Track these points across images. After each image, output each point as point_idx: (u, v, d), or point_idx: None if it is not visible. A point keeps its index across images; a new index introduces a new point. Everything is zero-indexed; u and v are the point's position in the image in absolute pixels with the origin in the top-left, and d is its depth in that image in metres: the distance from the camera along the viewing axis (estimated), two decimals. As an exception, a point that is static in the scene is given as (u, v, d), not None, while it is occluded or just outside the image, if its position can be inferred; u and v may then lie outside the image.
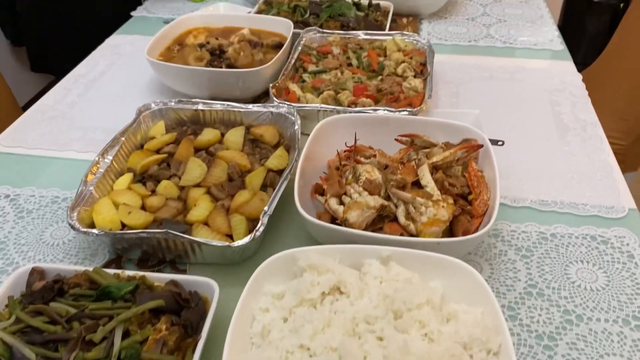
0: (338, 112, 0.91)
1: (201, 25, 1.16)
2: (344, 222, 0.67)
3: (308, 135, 0.81)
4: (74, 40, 1.47)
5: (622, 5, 2.61)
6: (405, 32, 1.12)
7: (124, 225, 0.72)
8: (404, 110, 0.88)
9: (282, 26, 1.14)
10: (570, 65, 1.15)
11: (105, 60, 1.21)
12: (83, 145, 0.94)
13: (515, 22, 1.34)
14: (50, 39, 1.51)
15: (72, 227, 0.68)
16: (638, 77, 1.43)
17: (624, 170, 1.49)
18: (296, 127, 0.85)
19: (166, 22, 1.36)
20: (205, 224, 0.72)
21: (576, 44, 2.81)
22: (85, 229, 0.68)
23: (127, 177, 0.79)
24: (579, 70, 1.16)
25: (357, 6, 1.28)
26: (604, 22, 2.68)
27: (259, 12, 1.28)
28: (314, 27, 1.15)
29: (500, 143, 0.86)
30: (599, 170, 0.86)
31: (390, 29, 1.23)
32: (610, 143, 1.42)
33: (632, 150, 1.46)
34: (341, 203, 0.70)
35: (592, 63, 1.68)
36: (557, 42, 1.24)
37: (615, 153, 1.44)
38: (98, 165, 0.79)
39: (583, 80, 1.13)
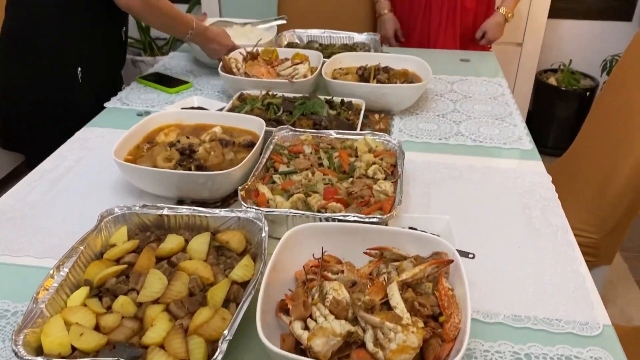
0: (307, 217, 0.89)
1: (173, 122, 1.16)
2: (309, 350, 0.63)
3: (277, 239, 0.79)
4: (50, 124, 1.45)
5: (587, 93, 2.73)
6: (376, 132, 1.13)
7: (74, 349, 0.67)
8: (373, 218, 0.87)
9: (254, 124, 1.14)
10: (539, 166, 1.16)
11: (73, 154, 1.19)
12: (41, 251, 0.90)
13: (484, 119, 1.37)
14: (26, 119, 1.49)
15: (16, 354, 0.64)
16: (607, 169, 1.46)
17: (597, 263, 1.49)
18: (263, 234, 0.83)
19: (139, 114, 1.37)
20: (162, 346, 0.68)
21: (547, 129, 2.91)
22: (30, 358, 0.63)
23: (83, 292, 0.75)
24: (552, 155, 1.17)
25: (330, 104, 1.30)
26: (573, 108, 2.78)
27: (233, 107, 1.29)
28: (286, 126, 1.15)
29: (470, 256, 0.85)
30: (571, 281, 0.85)
31: (362, 125, 1.25)
32: (583, 237, 1.43)
33: (605, 243, 1.46)
34: (306, 327, 0.66)
35: (563, 147, 1.72)
36: (525, 140, 1.26)
37: (588, 247, 1.45)
38: (52, 279, 0.75)
39: (554, 171, 1.15)
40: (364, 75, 1.45)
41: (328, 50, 1.72)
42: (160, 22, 1.44)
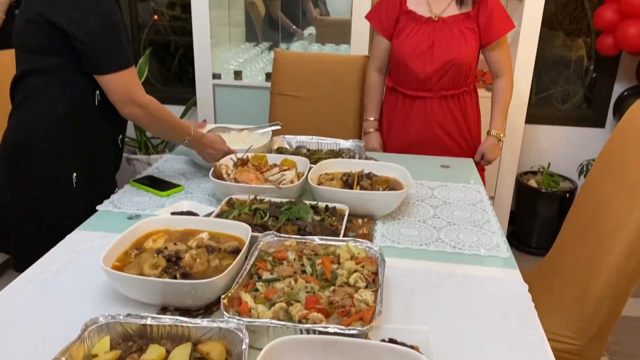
0: (288, 328, 0.91)
1: (162, 228, 1.20)
2: None
3: (259, 349, 0.80)
4: (42, 227, 1.47)
5: (567, 195, 2.82)
6: (358, 239, 1.17)
7: None
8: (353, 329, 0.89)
9: (240, 230, 1.18)
10: (516, 275, 1.20)
11: (62, 258, 1.21)
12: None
13: (463, 226, 1.42)
14: (17, 222, 1.52)
15: None
16: (585, 274, 1.49)
17: (581, 371, 1.48)
18: (244, 346, 0.84)
19: (130, 217, 1.41)
20: None
21: (530, 229, 2.97)
22: None
23: (60, 406, 0.75)
24: (537, 255, 1.20)
25: (315, 209, 1.35)
26: (554, 210, 2.86)
27: (221, 212, 1.34)
28: (271, 232, 1.20)
29: (447, 369, 0.86)
30: (548, 396, 0.85)
31: (346, 230, 1.30)
32: (566, 343, 1.44)
33: (589, 349, 1.46)
34: None
35: (546, 247, 1.76)
36: (503, 248, 1.31)
37: (572, 353, 1.45)
38: (31, 392, 0.75)
39: (535, 275, 1.18)
40: (348, 181, 1.52)
41: (315, 156, 1.80)
42: (160, 129, 1.54)
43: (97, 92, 1.46)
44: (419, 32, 1.93)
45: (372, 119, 2.14)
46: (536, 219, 2.92)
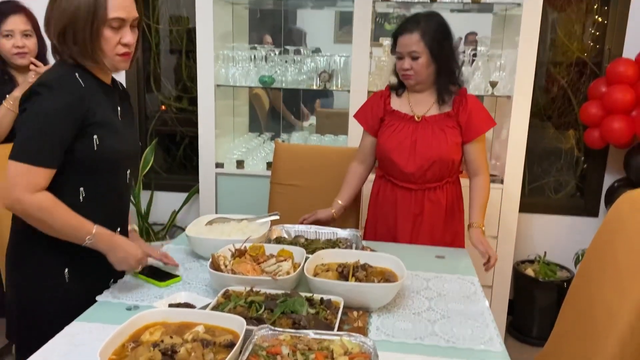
0: None
1: (159, 320, 1.22)
2: None
3: None
4: (41, 321, 1.48)
5: (565, 284, 2.82)
6: (352, 334, 1.19)
7: None
8: None
9: (235, 324, 1.20)
10: (509, 370, 1.20)
11: (60, 349, 1.22)
12: None
13: (458, 319, 1.44)
14: (18, 316, 1.53)
15: None
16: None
17: None
18: None
19: (128, 308, 1.43)
20: None
21: (530, 318, 2.95)
22: None
23: None
24: (537, 345, 1.20)
25: (310, 301, 1.38)
26: (552, 299, 2.86)
27: (218, 304, 1.36)
28: (266, 325, 1.22)
29: None
30: None
31: (341, 322, 1.31)
32: None
33: None
34: None
35: (546, 337, 1.75)
36: (496, 342, 1.32)
37: None
38: None
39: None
40: (343, 272, 1.55)
41: (313, 246, 1.85)
42: (46, 228, 1.40)
43: (82, 188, 1.46)
44: (403, 129, 2.04)
45: (339, 201, 2.17)
46: (535, 309, 2.90)
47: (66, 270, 1.49)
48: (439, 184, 2.05)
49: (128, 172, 1.60)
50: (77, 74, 1.42)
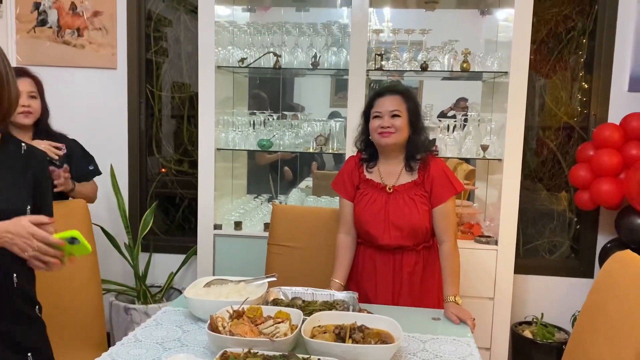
0: None
1: (157, 382, 1.23)
2: None
3: None
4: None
5: (563, 346, 2.80)
6: (348, 396, 1.20)
7: None
8: None
9: (234, 386, 1.21)
10: None
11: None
12: None
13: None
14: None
15: None
16: None
17: None
18: None
19: (126, 371, 1.43)
20: None
21: (530, 382, 2.90)
22: None
23: None
24: None
25: (307, 363, 1.38)
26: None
27: (215, 366, 1.37)
28: (264, 387, 1.22)
29: None
30: None
31: (338, 385, 1.31)
32: None
33: None
34: None
35: None
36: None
37: None
38: None
39: None
40: (340, 334, 1.56)
41: (310, 307, 1.86)
42: None
43: None
44: (377, 199, 2.11)
45: (337, 280, 2.15)
46: (536, 372, 2.87)
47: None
48: (415, 248, 2.11)
49: None
50: None
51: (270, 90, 3.57)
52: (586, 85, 3.19)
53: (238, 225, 2.97)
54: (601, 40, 3.08)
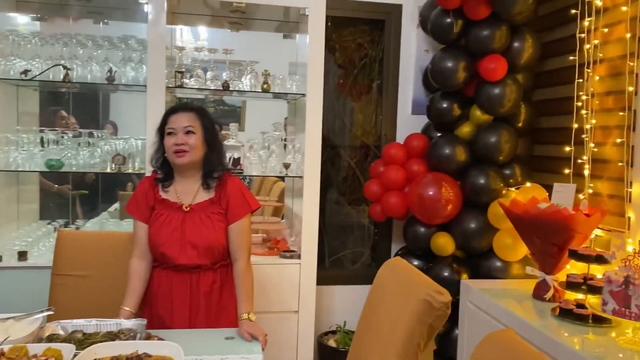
0: None
1: None
2: None
3: None
4: None
5: (362, 351, 2.99)
6: None
7: None
8: None
9: None
10: None
11: None
12: None
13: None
14: None
15: None
16: None
17: None
18: None
19: None
20: None
21: (334, 389, 3.03)
22: None
23: None
24: None
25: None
26: (352, 366, 2.99)
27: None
28: None
29: None
30: None
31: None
32: None
33: None
34: None
35: None
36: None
37: None
38: None
39: None
40: (117, 366, 1.46)
41: (90, 340, 1.71)
42: None
43: None
44: (173, 220, 2.06)
45: (127, 308, 2.03)
46: (340, 379, 3.01)
47: None
48: (213, 268, 2.09)
49: None
50: None
51: (82, 107, 3.29)
52: (379, 109, 3.49)
53: (22, 255, 2.66)
54: (388, 68, 3.41)
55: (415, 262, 3.04)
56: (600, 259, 2.10)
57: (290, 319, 2.84)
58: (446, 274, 2.83)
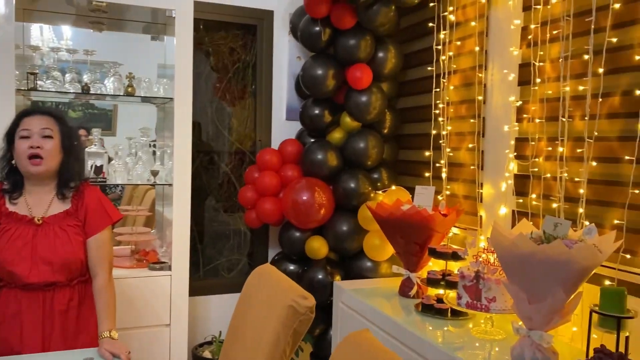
0: None
1: None
2: None
3: None
4: None
5: None
6: None
7: None
8: None
9: None
10: None
11: None
12: None
13: None
14: None
15: None
16: None
17: None
18: None
19: None
20: None
21: (211, 402, 2.95)
22: None
23: None
24: None
25: None
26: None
27: None
28: None
29: None
30: None
31: None
32: None
33: None
34: None
35: None
36: None
37: None
38: None
39: None
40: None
41: None
42: None
43: None
44: (22, 235, 1.89)
45: None
46: (217, 390, 2.94)
47: None
48: (69, 285, 1.94)
49: None
50: None
51: None
52: (254, 114, 3.47)
53: None
54: (262, 73, 3.41)
55: (291, 267, 3.07)
56: (455, 256, 2.25)
57: (162, 333, 2.73)
58: (320, 276, 2.88)
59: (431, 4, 2.78)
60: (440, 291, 2.31)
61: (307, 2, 2.79)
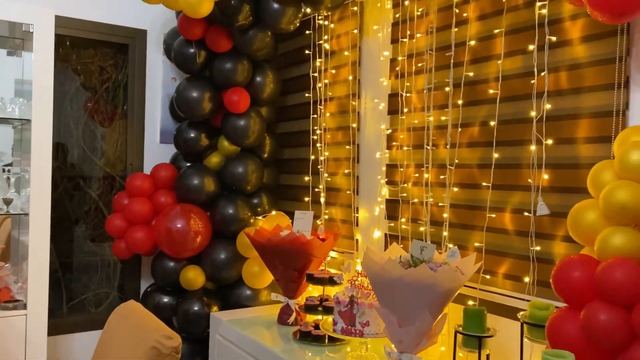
0: None
1: None
2: None
3: None
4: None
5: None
6: None
7: None
8: None
9: None
10: None
11: None
12: None
13: None
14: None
15: None
16: None
17: None
18: None
19: None
20: None
21: None
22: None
23: None
24: None
25: None
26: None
27: None
28: None
29: None
30: None
31: None
32: None
33: None
34: None
35: None
36: None
37: None
38: None
39: None
40: None
41: None
42: None
43: None
44: None
45: None
46: None
47: None
48: None
49: None
50: None
51: None
52: (125, 136, 3.28)
53: None
54: (133, 94, 3.24)
55: (165, 299, 2.90)
56: (332, 281, 2.26)
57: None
58: (196, 308, 2.76)
59: (307, 32, 2.83)
60: (319, 317, 2.30)
61: (181, 23, 2.71)
